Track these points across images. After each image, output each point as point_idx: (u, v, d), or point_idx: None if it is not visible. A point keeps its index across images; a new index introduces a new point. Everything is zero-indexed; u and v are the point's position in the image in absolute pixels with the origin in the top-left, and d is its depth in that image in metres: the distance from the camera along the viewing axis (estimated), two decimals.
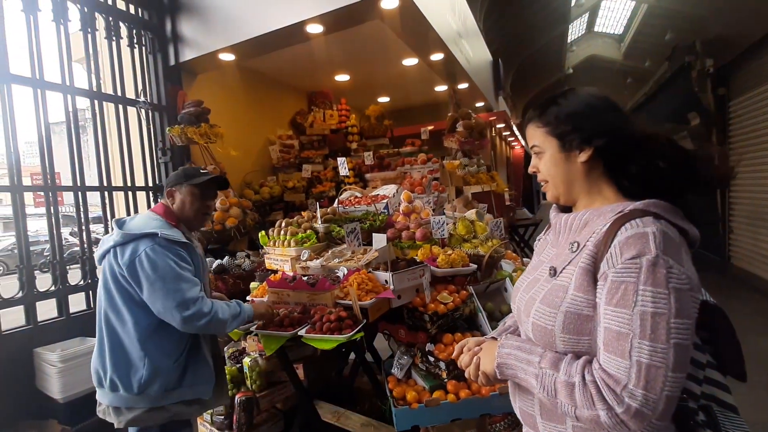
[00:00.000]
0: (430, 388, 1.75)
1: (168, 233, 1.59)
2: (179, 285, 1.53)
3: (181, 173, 1.77)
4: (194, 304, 1.53)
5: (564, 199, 0.96)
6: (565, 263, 0.88)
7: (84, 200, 2.86)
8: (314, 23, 2.97)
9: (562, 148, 0.91)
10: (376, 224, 2.45)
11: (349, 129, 5.17)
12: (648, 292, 0.72)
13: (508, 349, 0.91)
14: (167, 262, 1.54)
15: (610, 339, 0.75)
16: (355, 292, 1.77)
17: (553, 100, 0.95)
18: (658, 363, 0.70)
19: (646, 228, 0.75)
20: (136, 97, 3.32)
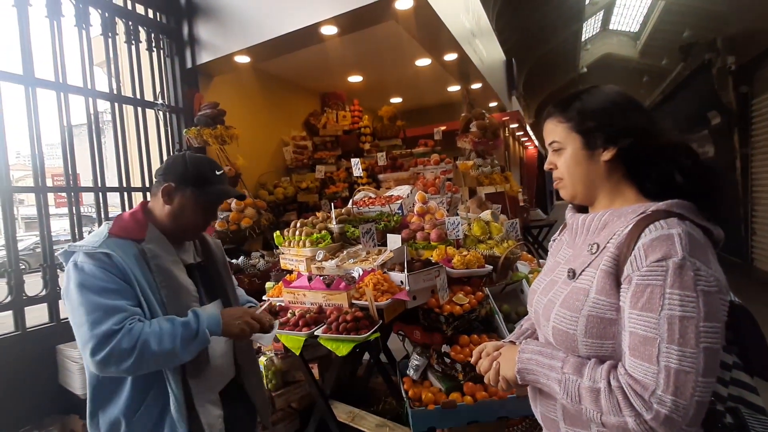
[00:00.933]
0: (447, 389, 1.75)
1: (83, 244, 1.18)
2: (84, 317, 1.09)
3: (191, 172, 1.30)
4: (106, 341, 1.06)
5: (581, 198, 0.94)
6: (584, 265, 0.86)
7: (104, 201, 2.93)
8: (329, 25, 2.98)
9: (586, 145, 0.89)
10: (390, 225, 2.45)
11: (361, 130, 5.19)
12: (675, 296, 0.70)
13: (529, 354, 0.89)
14: (74, 286, 1.13)
15: (637, 344, 0.73)
16: (371, 292, 1.77)
17: (576, 95, 0.93)
18: (687, 368, 0.68)
19: (671, 230, 0.74)
20: (155, 99, 3.38)
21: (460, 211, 3.01)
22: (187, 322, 1.18)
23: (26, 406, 2.38)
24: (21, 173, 16.05)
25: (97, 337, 1.06)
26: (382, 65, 4.73)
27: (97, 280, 1.12)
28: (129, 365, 1.08)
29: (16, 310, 2.41)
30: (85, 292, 1.10)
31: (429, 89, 5.81)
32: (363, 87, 5.42)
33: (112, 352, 1.06)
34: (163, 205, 1.29)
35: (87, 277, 1.12)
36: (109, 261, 1.15)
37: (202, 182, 1.32)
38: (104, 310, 1.10)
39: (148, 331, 1.12)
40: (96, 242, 1.17)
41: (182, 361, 1.16)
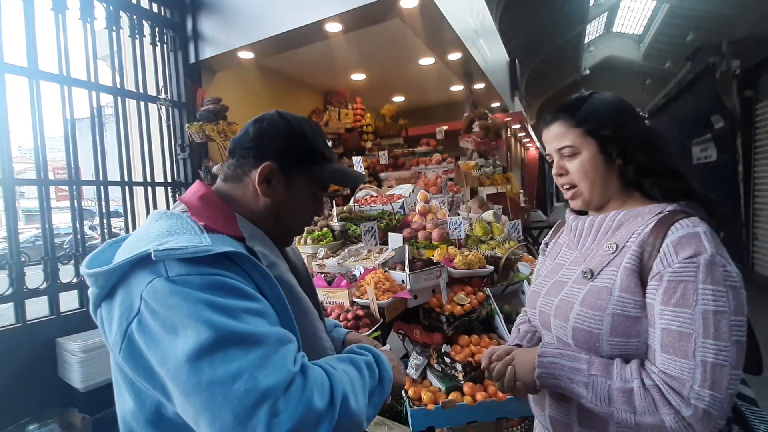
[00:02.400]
0: (446, 389, 1.74)
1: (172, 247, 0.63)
2: (232, 363, 0.57)
3: (301, 145, 0.84)
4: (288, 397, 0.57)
5: (597, 202, 0.92)
6: (602, 264, 0.86)
7: (106, 195, 2.92)
8: (333, 22, 2.97)
9: (604, 150, 0.89)
10: (392, 224, 2.45)
11: (363, 128, 5.18)
12: (709, 291, 0.71)
13: (550, 357, 0.87)
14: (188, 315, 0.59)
15: (671, 340, 0.73)
16: (373, 290, 1.77)
17: (582, 99, 0.92)
18: (723, 361, 0.69)
19: (697, 228, 0.76)
20: (157, 94, 3.38)
21: (462, 211, 3.01)
22: (369, 363, 0.75)
23: (25, 399, 2.39)
24: (22, 166, 16.06)
25: (267, 394, 0.56)
26: (385, 64, 4.72)
27: (233, 299, 0.62)
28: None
29: (16, 303, 2.41)
30: (215, 321, 0.58)
31: (432, 88, 5.80)
32: (366, 85, 5.41)
33: (303, 415, 0.57)
34: (255, 194, 0.82)
35: (211, 295, 0.60)
36: (236, 268, 0.66)
37: (318, 159, 0.86)
38: (269, 345, 0.60)
39: (334, 375, 0.66)
40: (196, 239, 0.66)
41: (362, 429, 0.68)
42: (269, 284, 0.69)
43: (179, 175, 3.49)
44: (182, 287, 0.60)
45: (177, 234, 0.67)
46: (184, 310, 0.58)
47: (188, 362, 0.56)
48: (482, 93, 5.61)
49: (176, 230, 0.69)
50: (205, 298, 0.60)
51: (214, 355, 0.57)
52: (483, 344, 1.87)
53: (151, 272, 0.61)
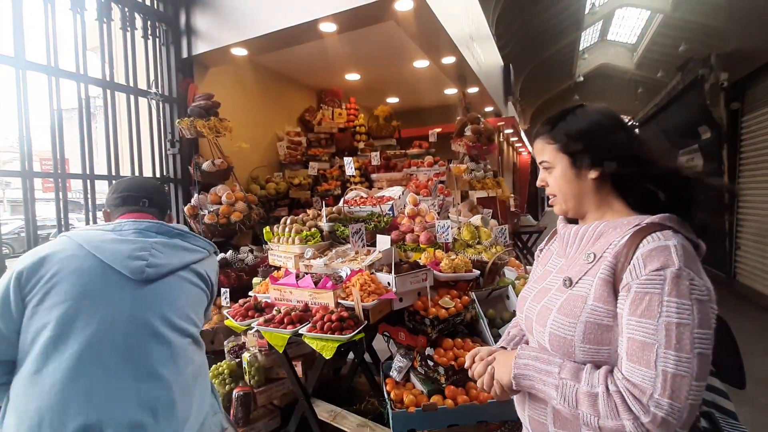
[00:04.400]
0: (428, 392, 1.75)
1: None
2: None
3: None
4: None
5: (573, 213, 0.99)
6: (581, 273, 0.89)
7: (92, 188, 2.89)
8: (328, 22, 2.97)
9: (573, 165, 0.94)
10: (380, 225, 2.46)
11: (357, 128, 5.18)
12: (673, 304, 0.73)
13: (526, 359, 0.90)
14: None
15: (635, 349, 0.76)
16: (358, 292, 1.77)
17: (562, 115, 0.97)
18: (683, 372, 0.71)
19: (668, 241, 0.78)
20: (148, 88, 3.34)
21: (452, 215, 3.02)
22: None
23: None
24: (10, 155, 15.74)
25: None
26: (379, 65, 4.71)
27: None
28: None
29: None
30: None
31: (426, 91, 5.81)
32: (360, 85, 5.40)
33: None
34: None
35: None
36: None
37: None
38: None
39: None
40: None
41: None
42: None
43: (168, 170, 3.46)
44: None
45: None
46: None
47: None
48: (476, 97, 5.63)
49: None
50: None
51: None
52: (466, 348, 1.89)
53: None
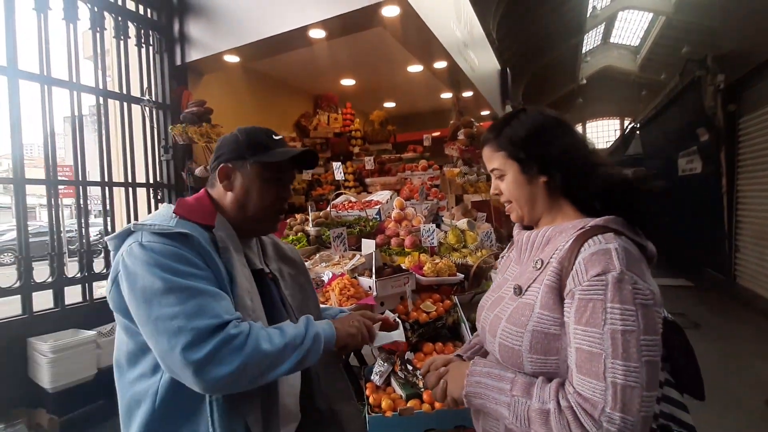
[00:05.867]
0: (407, 396, 1.75)
1: (151, 222, 0.92)
2: (175, 307, 0.82)
3: (243, 140, 1.04)
4: (211, 335, 0.81)
5: (528, 219, 0.96)
6: (530, 281, 0.87)
7: (84, 194, 2.93)
8: (317, 28, 3.00)
9: (523, 170, 0.92)
10: (366, 230, 2.46)
11: (352, 133, 5.21)
12: (616, 310, 0.71)
13: (477, 377, 0.87)
14: (147, 270, 0.84)
15: (583, 360, 0.73)
16: (336, 297, 1.78)
17: (506, 121, 0.96)
18: (633, 383, 0.68)
19: (609, 244, 0.76)
20: (142, 95, 3.39)
21: (445, 218, 3.02)
22: (300, 328, 0.94)
23: None
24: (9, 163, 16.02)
25: (197, 331, 0.79)
26: (374, 70, 4.75)
27: (182, 264, 0.86)
28: (232, 369, 0.80)
29: None
30: (167, 277, 0.83)
31: (421, 95, 5.84)
32: (356, 90, 5.44)
33: (218, 348, 0.79)
34: (224, 192, 1.04)
35: (166, 259, 0.85)
36: (190, 243, 0.90)
37: (262, 149, 1.03)
38: (204, 298, 0.84)
39: (255, 326, 0.88)
40: (167, 221, 0.92)
41: (283, 372, 0.88)
42: (213, 261, 0.92)
43: (162, 176, 3.50)
44: (147, 249, 0.86)
45: (158, 217, 0.96)
46: (145, 264, 0.84)
47: (144, 301, 0.83)
48: (471, 101, 5.65)
49: (159, 215, 0.97)
50: (161, 260, 0.85)
51: (162, 299, 0.82)
52: (447, 352, 1.88)
53: (132, 239, 0.89)
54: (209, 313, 0.83)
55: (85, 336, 2.63)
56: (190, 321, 0.80)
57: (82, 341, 2.58)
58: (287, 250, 1.25)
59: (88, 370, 2.59)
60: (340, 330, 1.02)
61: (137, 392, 0.89)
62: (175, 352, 0.79)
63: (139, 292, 0.83)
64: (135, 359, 0.91)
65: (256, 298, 1.00)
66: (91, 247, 2.95)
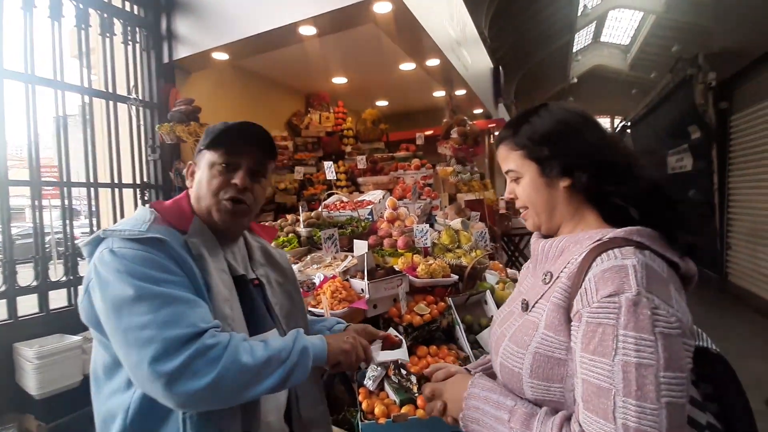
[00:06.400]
0: (401, 402, 1.72)
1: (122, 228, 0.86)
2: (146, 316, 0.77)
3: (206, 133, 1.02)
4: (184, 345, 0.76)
5: (546, 227, 0.86)
6: (537, 296, 0.79)
7: (69, 196, 2.85)
8: (307, 25, 2.95)
9: (543, 173, 0.82)
10: (358, 230, 2.43)
11: (344, 132, 5.16)
12: (630, 339, 0.60)
13: (475, 401, 0.79)
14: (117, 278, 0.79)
15: (590, 395, 0.63)
16: (328, 300, 1.74)
17: (525, 117, 0.86)
18: (647, 427, 0.57)
19: (626, 260, 0.65)
20: (128, 93, 3.31)
21: (439, 218, 2.99)
22: (288, 341, 0.88)
23: None
24: None
25: (168, 342, 0.74)
26: (366, 68, 4.70)
27: (155, 270, 0.81)
28: (208, 383, 0.74)
29: None
30: (139, 284, 0.78)
31: (414, 93, 5.80)
32: (348, 89, 5.39)
33: (191, 359, 0.74)
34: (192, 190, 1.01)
35: (138, 266, 0.80)
36: (164, 248, 0.85)
37: (214, 135, 0.98)
38: (179, 306, 0.79)
39: (236, 337, 0.82)
40: (139, 225, 0.87)
41: (266, 388, 0.82)
42: (189, 266, 0.87)
43: (149, 176, 3.43)
44: (118, 256, 0.81)
45: (131, 220, 0.90)
46: (115, 271, 0.79)
47: (114, 310, 0.78)
48: (464, 99, 5.63)
49: (133, 218, 0.91)
50: (132, 266, 0.80)
51: (133, 308, 0.77)
52: (441, 355, 1.85)
53: (104, 245, 0.84)
54: (183, 321, 0.77)
55: (71, 341, 2.56)
56: (161, 331, 0.75)
57: (67, 347, 2.51)
58: (277, 256, 1.19)
59: (74, 376, 2.52)
60: (332, 345, 0.95)
61: (111, 408, 0.85)
62: (143, 365, 0.73)
63: (110, 301, 0.79)
64: (111, 372, 0.86)
65: (236, 306, 0.94)
66: (77, 249, 2.88)
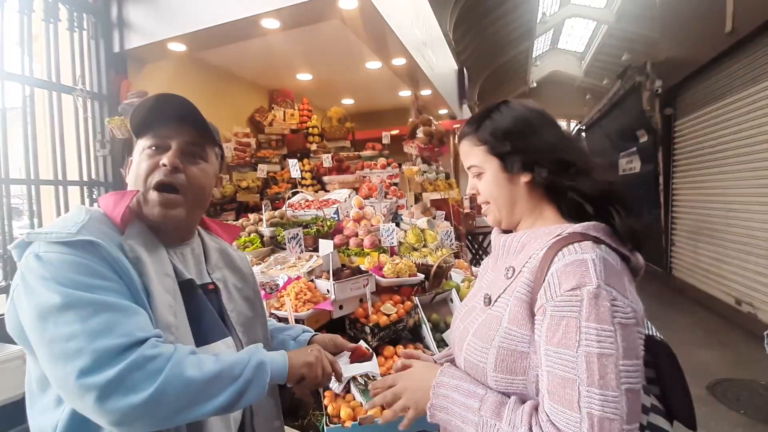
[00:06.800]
0: (367, 403, 1.69)
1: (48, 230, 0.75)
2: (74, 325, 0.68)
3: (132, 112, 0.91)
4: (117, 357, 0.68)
5: (506, 222, 0.88)
6: (500, 291, 0.80)
7: (8, 193, 2.61)
8: (270, 18, 2.86)
9: (505, 168, 0.84)
10: (323, 230, 2.37)
11: (309, 129, 5.06)
12: (592, 330, 0.64)
13: (444, 389, 0.79)
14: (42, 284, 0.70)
15: (556, 386, 0.66)
16: (292, 302, 1.68)
17: (487, 114, 0.87)
18: (611, 414, 0.61)
19: (585, 254, 0.68)
20: (74, 84, 3.07)
21: (405, 217, 2.99)
22: (242, 356, 0.81)
23: None
24: None
25: (99, 353, 0.66)
26: (332, 65, 4.63)
27: (85, 275, 0.72)
28: (146, 398, 0.66)
29: None
30: (66, 291, 0.69)
31: (381, 92, 5.79)
32: (313, 86, 5.29)
33: (127, 371, 0.66)
34: None
35: (65, 271, 0.71)
36: (97, 251, 0.75)
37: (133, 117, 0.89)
38: (113, 314, 0.70)
39: (182, 350, 0.75)
40: (69, 227, 0.76)
41: (216, 407, 0.74)
42: (126, 270, 0.77)
43: (98, 173, 3.20)
44: (43, 261, 0.72)
45: (60, 221, 0.79)
46: (40, 278, 0.70)
47: (38, 320, 0.69)
48: (429, 99, 5.68)
49: (64, 218, 0.80)
50: (58, 272, 0.71)
51: (59, 317, 0.68)
52: None
53: (29, 250, 0.75)
54: (117, 331, 0.69)
55: (11, 351, 2.34)
56: (92, 341, 0.66)
57: (7, 357, 2.29)
58: (237, 260, 1.10)
59: (14, 389, 2.31)
60: (294, 360, 0.88)
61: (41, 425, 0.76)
62: (70, 379, 0.65)
63: (34, 310, 0.69)
64: (43, 386, 0.77)
65: (180, 313, 0.85)
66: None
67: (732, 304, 4.71)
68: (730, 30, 4.35)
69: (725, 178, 4.95)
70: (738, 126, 4.64)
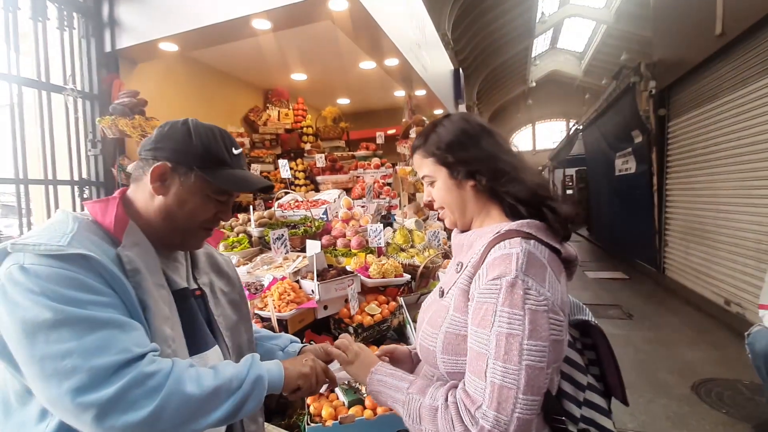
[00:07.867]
0: (349, 403, 1.70)
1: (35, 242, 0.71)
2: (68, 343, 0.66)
3: (197, 146, 0.87)
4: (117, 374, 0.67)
5: (461, 223, 0.98)
6: (450, 284, 0.90)
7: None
8: (261, 18, 2.86)
9: (452, 176, 0.93)
10: (311, 231, 2.38)
11: (304, 129, 5.07)
12: (504, 313, 0.73)
13: (380, 375, 0.91)
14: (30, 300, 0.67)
15: (471, 359, 0.76)
16: (275, 302, 1.70)
17: (432, 128, 0.97)
18: (509, 384, 0.70)
19: (512, 249, 0.77)
20: (64, 83, 3.08)
21: (398, 217, 3.00)
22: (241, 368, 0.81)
23: None
24: None
25: (96, 371, 0.65)
26: (326, 65, 4.64)
27: (77, 290, 0.69)
28: (145, 416, 0.66)
29: None
30: (58, 307, 0.66)
31: (375, 92, 5.79)
32: (308, 86, 5.30)
33: (127, 389, 0.65)
34: (151, 194, 0.86)
35: (55, 286, 0.68)
36: (89, 266, 0.72)
37: (215, 163, 0.88)
38: (109, 330, 0.69)
39: (180, 364, 0.74)
40: (58, 237, 0.73)
41: (214, 421, 0.74)
42: (121, 283, 0.75)
43: (89, 173, 3.20)
44: (30, 274, 0.68)
45: (47, 231, 0.75)
46: (27, 291, 0.67)
47: (26, 336, 0.66)
48: (423, 100, 5.67)
49: (51, 227, 0.76)
50: (48, 286, 0.68)
51: (51, 334, 0.66)
52: None
53: (13, 259, 0.71)
54: (114, 347, 0.67)
55: None
56: (88, 359, 0.65)
57: None
58: (222, 264, 1.10)
59: None
60: (290, 370, 0.89)
61: None
62: (65, 398, 0.63)
63: (20, 324, 0.66)
64: (24, 399, 0.75)
65: (176, 325, 0.84)
66: None
67: (721, 305, 4.73)
68: (720, 32, 4.37)
69: (715, 179, 4.97)
70: (728, 128, 4.66)
